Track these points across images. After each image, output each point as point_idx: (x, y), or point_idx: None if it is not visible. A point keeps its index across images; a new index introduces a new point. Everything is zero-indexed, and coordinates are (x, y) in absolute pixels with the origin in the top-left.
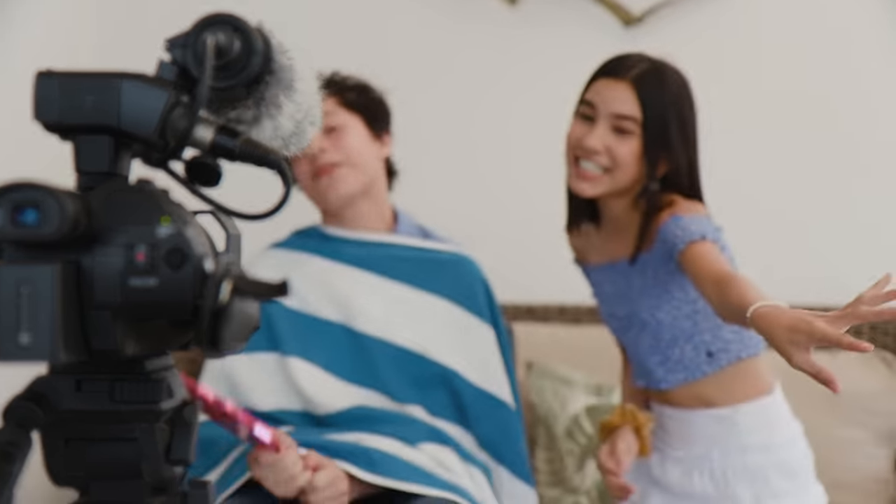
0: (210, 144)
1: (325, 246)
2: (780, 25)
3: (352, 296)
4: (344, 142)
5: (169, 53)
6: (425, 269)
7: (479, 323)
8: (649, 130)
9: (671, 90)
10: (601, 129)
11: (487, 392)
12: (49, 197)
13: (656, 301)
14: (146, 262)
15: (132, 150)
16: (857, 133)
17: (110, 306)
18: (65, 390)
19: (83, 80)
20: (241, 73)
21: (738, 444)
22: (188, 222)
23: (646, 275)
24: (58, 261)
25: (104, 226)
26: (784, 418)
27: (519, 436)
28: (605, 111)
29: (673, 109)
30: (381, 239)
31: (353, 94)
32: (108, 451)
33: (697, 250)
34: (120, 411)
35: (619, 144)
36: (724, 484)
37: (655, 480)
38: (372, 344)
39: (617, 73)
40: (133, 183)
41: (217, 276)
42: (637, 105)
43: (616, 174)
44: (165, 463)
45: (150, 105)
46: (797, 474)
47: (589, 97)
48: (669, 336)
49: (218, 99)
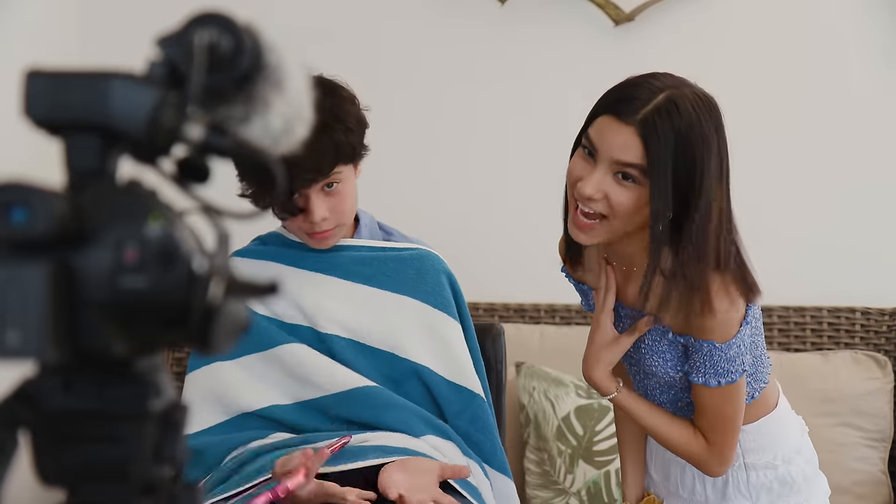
0: (199, 142)
1: (286, 253)
2: (773, 24)
3: (317, 301)
4: (342, 205)
5: (158, 51)
6: (388, 268)
7: (445, 318)
8: (654, 178)
9: (687, 135)
10: (600, 173)
11: (460, 385)
12: (38, 196)
13: (671, 363)
14: (135, 261)
15: (121, 148)
16: (851, 133)
17: (99, 305)
18: (53, 390)
19: (72, 77)
20: (231, 71)
21: (739, 462)
22: (177, 221)
23: (660, 341)
24: (46, 260)
25: (93, 225)
26: (787, 429)
27: (494, 429)
28: (606, 156)
29: (683, 159)
30: (341, 243)
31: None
32: (96, 451)
33: (720, 396)
34: (108, 412)
35: (620, 192)
36: (724, 497)
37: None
38: (344, 346)
39: (623, 114)
40: (122, 182)
41: (206, 276)
42: (642, 153)
43: (613, 223)
44: (154, 464)
45: (139, 103)
46: (801, 485)
47: (591, 134)
48: (680, 386)
49: (207, 97)
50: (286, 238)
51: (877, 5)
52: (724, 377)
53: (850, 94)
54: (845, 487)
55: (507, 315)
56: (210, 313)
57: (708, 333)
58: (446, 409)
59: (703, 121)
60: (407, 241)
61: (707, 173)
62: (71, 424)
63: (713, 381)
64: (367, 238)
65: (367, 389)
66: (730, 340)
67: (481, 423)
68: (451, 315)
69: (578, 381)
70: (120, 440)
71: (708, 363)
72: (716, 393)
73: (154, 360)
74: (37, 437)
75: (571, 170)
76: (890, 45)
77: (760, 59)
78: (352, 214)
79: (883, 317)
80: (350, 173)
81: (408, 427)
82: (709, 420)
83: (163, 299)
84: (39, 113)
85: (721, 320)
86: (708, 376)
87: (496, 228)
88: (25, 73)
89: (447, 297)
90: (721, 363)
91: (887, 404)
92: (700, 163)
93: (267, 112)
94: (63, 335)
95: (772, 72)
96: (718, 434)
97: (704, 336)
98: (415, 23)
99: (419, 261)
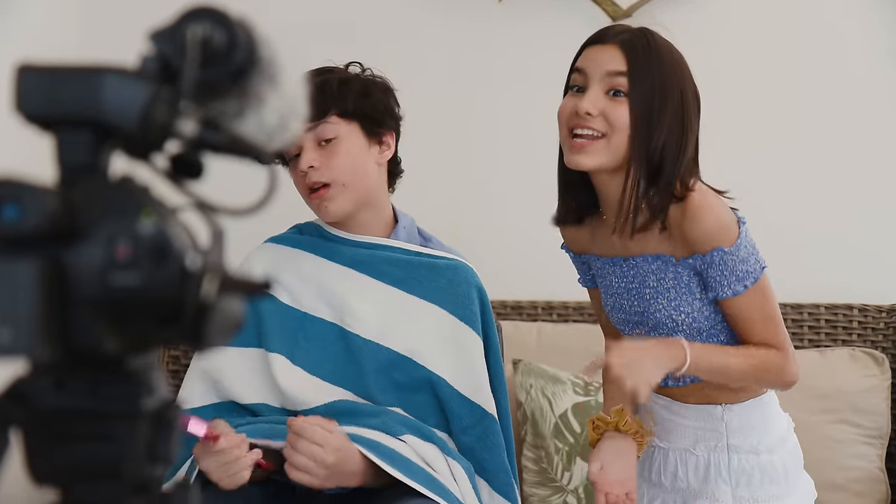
0: (193, 138)
1: (321, 245)
2: (773, 21)
3: (344, 296)
4: (335, 160)
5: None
6: (420, 274)
7: (469, 332)
8: (637, 89)
9: (662, 58)
10: (594, 92)
11: (473, 402)
12: (29, 192)
13: (675, 302)
14: (127, 257)
15: (113, 143)
16: (849, 131)
17: (91, 303)
18: (45, 389)
19: (64, 72)
20: (225, 66)
21: (722, 443)
22: (170, 217)
23: (665, 276)
24: (37, 257)
25: (84, 221)
26: (773, 418)
27: (502, 450)
28: (597, 73)
29: (662, 71)
30: (377, 241)
31: (352, 101)
32: (88, 450)
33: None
34: (101, 410)
35: (614, 107)
36: (706, 480)
37: (640, 473)
38: (361, 345)
39: (604, 39)
40: (114, 178)
41: (200, 272)
42: (626, 60)
43: (613, 139)
44: (147, 463)
45: (131, 98)
46: (782, 478)
47: (579, 65)
48: (685, 337)
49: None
50: (324, 230)
51: (881, 2)
52: (747, 279)
53: (850, 91)
54: (842, 484)
55: (504, 312)
56: (203, 311)
57: (713, 240)
58: (455, 423)
59: (674, 49)
60: (445, 250)
61: (686, 87)
62: (63, 423)
63: (739, 287)
64: (405, 240)
65: (344, 403)
66: (736, 242)
67: (489, 443)
68: (475, 329)
69: (576, 379)
70: (113, 439)
71: (726, 271)
72: (749, 298)
73: (147, 358)
74: (29, 436)
75: (563, 107)
76: (894, 43)
77: (760, 56)
78: (352, 176)
79: (881, 314)
80: (351, 133)
81: (387, 427)
82: (761, 326)
83: (155, 296)
84: (31, 108)
85: (718, 218)
86: (733, 285)
87: (493, 225)
88: (17, 67)
89: (474, 312)
90: (738, 266)
91: (885, 401)
92: (678, 79)
93: (261, 107)
94: (55, 333)
95: (771, 69)
96: (777, 335)
97: (712, 244)
98: (409, 20)
99: (452, 271)
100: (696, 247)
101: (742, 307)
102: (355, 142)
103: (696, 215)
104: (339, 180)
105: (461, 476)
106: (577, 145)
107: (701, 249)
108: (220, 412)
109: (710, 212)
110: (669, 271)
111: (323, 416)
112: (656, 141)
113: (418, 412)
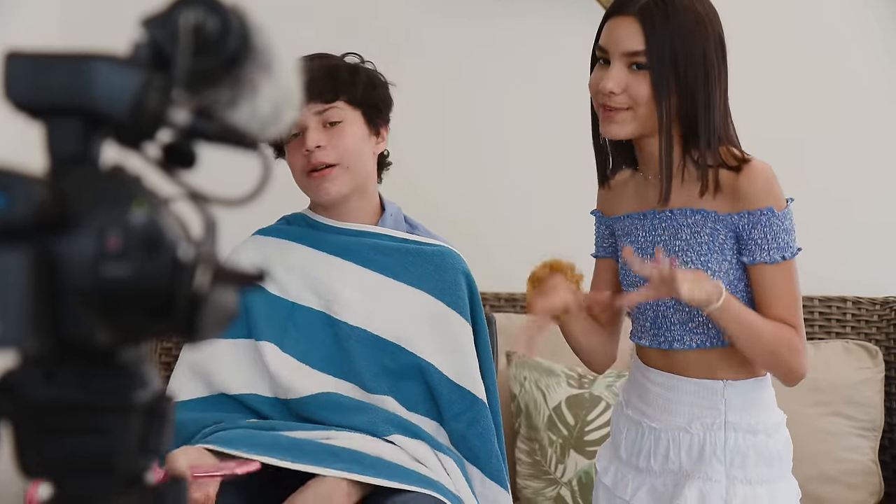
0: (185, 127)
1: (308, 234)
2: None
3: (332, 284)
4: (342, 142)
5: (143, 33)
6: (407, 260)
7: (457, 317)
8: (656, 63)
9: (681, 21)
10: (616, 69)
11: (462, 387)
12: (17, 181)
13: (705, 258)
14: (118, 248)
15: (104, 132)
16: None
17: (81, 294)
18: (34, 381)
19: (53, 59)
20: (218, 53)
21: (720, 420)
22: (162, 208)
23: (701, 231)
24: (27, 247)
25: (75, 211)
26: (771, 405)
27: (492, 435)
28: (616, 51)
29: (682, 36)
30: (364, 228)
31: (360, 91)
32: (80, 443)
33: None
34: (92, 403)
35: (636, 82)
36: (699, 460)
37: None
38: (349, 332)
39: (623, 9)
40: (105, 167)
41: (192, 263)
42: (643, 39)
43: (638, 112)
44: (139, 456)
45: (123, 85)
46: (776, 462)
47: (601, 41)
48: None
49: (193, 80)
50: (311, 219)
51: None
52: (786, 250)
53: (848, 87)
54: (835, 477)
55: (498, 305)
56: (196, 302)
57: (767, 198)
58: (445, 409)
59: (705, 15)
60: (431, 237)
61: (708, 43)
62: (54, 416)
63: (777, 255)
64: (392, 228)
65: (333, 396)
66: (784, 210)
67: (480, 428)
68: (463, 315)
69: (570, 371)
70: (104, 432)
71: (769, 235)
72: (782, 271)
73: (139, 351)
74: (19, 429)
75: (593, 80)
76: (891, 39)
77: (759, 54)
78: (355, 159)
79: (874, 307)
80: (355, 120)
81: (374, 427)
82: (785, 303)
83: (147, 288)
84: (20, 95)
85: (774, 183)
86: (772, 252)
87: (486, 218)
88: (5, 54)
89: (462, 298)
90: (780, 235)
91: (878, 394)
92: (701, 38)
93: (255, 96)
94: (44, 324)
95: (771, 66)
96: (797, 318)
97: (765, 202)
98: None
99: (440, 258)
100: (748, 202)
101: (773, 278)
102: (359, 128)
103: (754, 174)
104: (344, 162)
105: (453, 469)
106: (608, 116)
107: (752, 205)
108: (209, 405)
109: (768, 174)
110: (707, 226)
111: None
112: (682, 107)
113: (409, 399)
